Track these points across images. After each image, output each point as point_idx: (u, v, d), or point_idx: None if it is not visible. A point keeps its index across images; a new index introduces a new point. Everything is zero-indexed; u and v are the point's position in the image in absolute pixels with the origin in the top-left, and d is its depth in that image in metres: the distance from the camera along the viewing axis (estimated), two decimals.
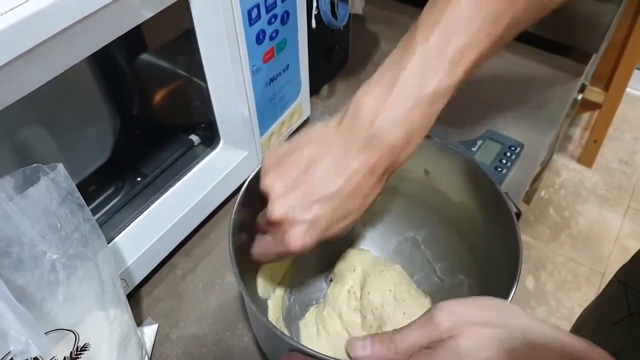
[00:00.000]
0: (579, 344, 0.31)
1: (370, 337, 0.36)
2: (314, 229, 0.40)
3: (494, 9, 0.37)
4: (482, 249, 0.49)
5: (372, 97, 0.38)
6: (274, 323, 0.45)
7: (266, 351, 0.51)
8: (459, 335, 0.32)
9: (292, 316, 0.53)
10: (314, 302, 0.55)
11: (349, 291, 0.52)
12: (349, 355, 0.38)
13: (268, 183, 0.41)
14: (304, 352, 0.37)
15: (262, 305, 0.51)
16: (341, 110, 0.41)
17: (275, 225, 0.41)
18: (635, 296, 0.55)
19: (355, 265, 0.54)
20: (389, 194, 0.54)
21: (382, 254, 0.57)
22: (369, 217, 0.57)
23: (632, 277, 0.58)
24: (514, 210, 0.44)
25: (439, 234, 0.54)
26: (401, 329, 0.35)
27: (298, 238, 0.39)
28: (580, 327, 0.71)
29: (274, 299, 0.52)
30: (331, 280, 0.55)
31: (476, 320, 0.32)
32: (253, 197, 0.46)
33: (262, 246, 0.44)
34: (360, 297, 0.51)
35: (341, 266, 0.55)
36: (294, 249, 0.40)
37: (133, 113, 0.62)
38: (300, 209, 0.39)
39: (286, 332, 0.49)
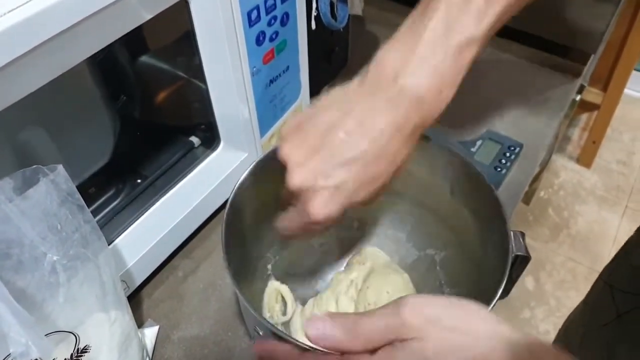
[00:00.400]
0: (546, 350, 0.30)
1: (331, 317, 0.33)
2: (338, 195, 0.37)
3: None
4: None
5: (396, 52, 0.37)
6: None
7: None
8: (425, 339, 0.30)
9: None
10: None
11: (352, 281, 0.52)
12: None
13: (286, 151, 0.38)
14: (276, 336, 0.36)
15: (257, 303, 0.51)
16: (362, 71, 0.38)
17: (296, 195, 0.38)
18: (622, 297, 0.55)
19: (367, 260, 0.55)
20: (416, 205, 0.54)
21: (399, 263, 0.57)
22: (398, 223, 0.57)
23: (617, 278, 0.57)
24: (523, 253, 0.42)
25: (456, 259, 0.53)
26: (363, 315, 0.32)
27: (321, 206, 0.37)
28: (568, 330, 0.70)
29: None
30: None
31: (445, 323, 0.30)
32: (244, 199, 0.47)
33: (286, 220, 0.42)
34: (359, 290, 0.51)
35: (354, 258, 0.56)
36: (317, 217, 0.37)
37: (133, 115, 0.62)
38: (323, 174, 0.37)
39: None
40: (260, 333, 0.41)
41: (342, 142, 0.37)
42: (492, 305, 0.39)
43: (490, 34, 0.37)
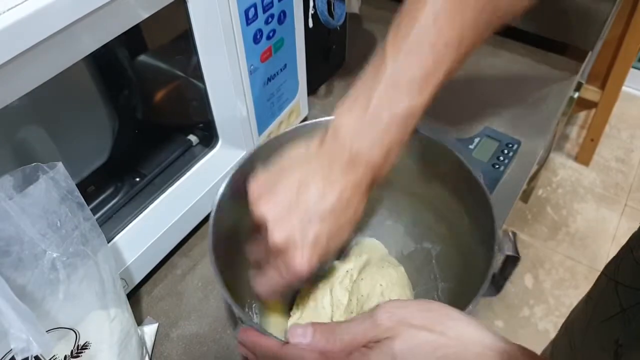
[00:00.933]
0: (513, 349, 0.31)
1: (312, 325, 0.36)
2: (316, 248, 0.40)
3: (454, 34, 0.39)
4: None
5: (349, 118, 0.40)
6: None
7: None
8: (394, 337, 0.32)
9: None
10: None
11: (347, 271, 0.52)
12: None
13: (262, 210, 0.41)
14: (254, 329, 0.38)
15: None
16: (321, 134, 0.42)
17: (277, 253, 0.41)
18: (626, 292, 0.55)
19: (364, 251, 0.55)
20: (415, 198, 0.55)
21: (396, 254, 0.58)
22: (397, 215, 0.58)
23: (621, 273, 0.58)
24: (512, 253, 0.43)
25: (450, 254, 0.54)
26: (342, 322, 0.36)
27: (305, 260, 0.40)
28: (570, 326, 0.71)
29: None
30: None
31: (414, 323, 0.33)
32: (234, 200, 0.46)
33: (267, 283, 0.43)
34: (354, 281, 0.51)
35: (352, 249, 0.56)
36: (301, 272, 0.40)
37: (131, 113, 0.62)
38: (301, 231, 0.40)
39: None
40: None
41: (312, 200, 0.40)
42: (475, 303, 0.39)
43: (433, 97, 0.40)
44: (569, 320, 0.73)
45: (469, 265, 0.49)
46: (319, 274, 0.53)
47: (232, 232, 0.47)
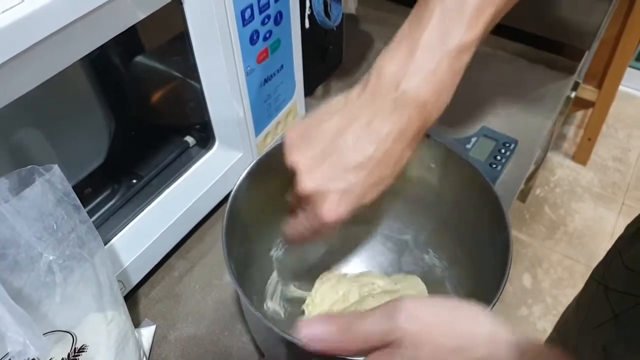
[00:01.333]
0: (549, 352, 0.30)
1: (327, 318, 0.34)
2: (347, 197, 0.39)
3: None
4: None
5: (395, 59, 0.38)
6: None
7: (263, 349, 0.51)
8: (419, 346, 0.30)
9: None
10: None
11: (374, 283, 0.53)
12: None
13: (295, 158, 0.40)
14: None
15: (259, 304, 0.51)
16: (362, 80, 0.40)
17: (306, 200, 0.40)
18: (616, 297, 0.54)
19: (401, 281, 0.55)
20: (421, 201, 0.54)
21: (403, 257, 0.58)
22: (404, 222, 0.57)
23: (611, 278, 0.57)
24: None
25: (461, 259, 0.54)
26: (358, 317, 0.32)
27: (332, 208, 0.39)
28: (561, 331, 0.70)
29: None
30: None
31: (439, 330, 0.30)
32: (246, 197, 0.47)
33: (295, 225, 0.43)
34: (372, 294, 0.52)
35: (394, 277, 0.55)
36: (328, 219, 0.39)
37: (128, 115, 0.62)
38: (332, 179, 0.38)
39: None
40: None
41: (349, 148, 0.38)
42: (492, 305, 0.39)
43: (483, 36, 0.38)
44: (560, 324, 0.72)
45: (481, 274, 0.48)
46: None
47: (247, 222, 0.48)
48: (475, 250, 0.50)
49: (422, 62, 0.37)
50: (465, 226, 0.50)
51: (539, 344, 0.30)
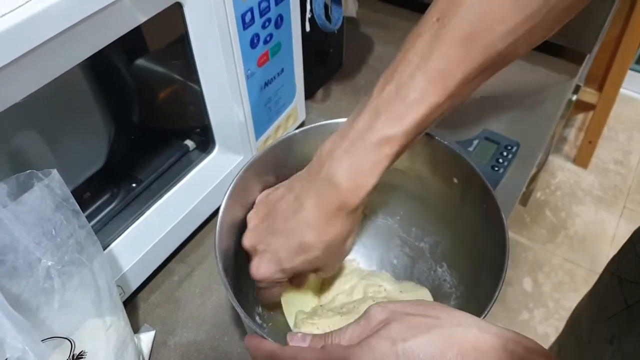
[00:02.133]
0: (510, 333, 0.32)
1: (311, 334, 0.38)
2: (271, 259, 0.43)
3: (444, 67, 0.38)
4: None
5: (331, 140, 0.41)
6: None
7: None
8: (390, 322, 0.33)
9: None
10: None
11: (380, 285, 0.53)
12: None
13: (249, 216, 0.46)
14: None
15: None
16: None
17: (248, 254, 0.45)
18: (630, 288, 0.55)
19: (407, 290, 0.54)
20: (424, 202, 0.55)
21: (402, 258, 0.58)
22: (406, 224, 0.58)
23: (624, 270, 0.58)
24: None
25: (456, 252, 0.54)
26: (340, 328, 0.36)
27: (256, 267, 0.44)
28: (574, 324, 0.71)
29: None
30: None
31: (408, 311, 0.34)
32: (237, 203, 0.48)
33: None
34: (374, 297, 0.52)
35: (404, 285, 0.55)
36: (254, 276, 0.44)
37: (128, 119, 0.62)
38: (263, 240, 0.44)
39: None
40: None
41: (279, 215, 0.43)
42: (493, 301, 0.40)
43: (416, 130, 0.39)
44: (573, 316, 0.73)
45: (478, 272, 0.49)
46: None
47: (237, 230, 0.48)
48: (475, 274, 0.50)
49: (346, 148, 0.40)
50: (477, 250, 0.50)
51: (503, 329, 0.32)
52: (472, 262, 0.50)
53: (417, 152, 0.49)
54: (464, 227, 0.51)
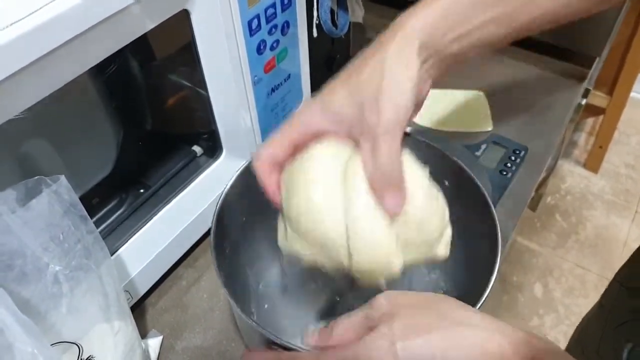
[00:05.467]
0: (520, 332, 0.32)
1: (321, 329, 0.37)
2: None
3: None
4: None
5: (408, 12, 0.42)
6: None
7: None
8: (393, 316, 0.33)
9: None
10: None
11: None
12: None
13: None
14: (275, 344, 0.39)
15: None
16: None
17: None
18: (638, 297, 0.55)
19: None
20: None
21: None
22: None
23: (633, 279, 0.57)
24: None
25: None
26: (342, 317, 0.36)
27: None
28: (583, 334, 0.70)
29: None
30: None
31: (413, 303, 0.34)
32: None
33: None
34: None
35: None
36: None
37: (136, 125, 0.62)
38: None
39: None
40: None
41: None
42: (485, 294, 0.40)
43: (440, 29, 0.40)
44: (580, 329, 0.72)
45: (471, 275, 0.48)
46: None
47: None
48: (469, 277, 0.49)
49: (380, 40, 0.41)
50: (470, 251, 0.50)
51: (513, 329, 0.33)
52: (466, 265, 0.50)
53: None
54: (457, 230, 0.51)
